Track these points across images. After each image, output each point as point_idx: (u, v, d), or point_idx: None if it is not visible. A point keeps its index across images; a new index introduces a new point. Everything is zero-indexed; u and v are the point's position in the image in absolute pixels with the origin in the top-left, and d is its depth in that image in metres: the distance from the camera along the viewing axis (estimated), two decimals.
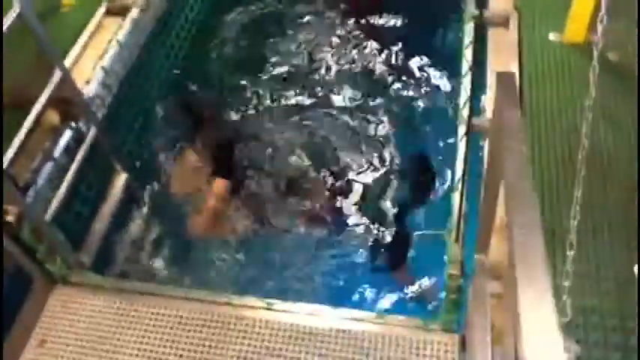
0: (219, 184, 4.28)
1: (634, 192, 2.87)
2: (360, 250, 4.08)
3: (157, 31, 4.80)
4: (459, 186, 2.77)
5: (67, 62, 3.79)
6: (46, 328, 3.26)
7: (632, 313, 2.47)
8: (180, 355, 3.10)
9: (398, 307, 3.76)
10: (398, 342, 3.07)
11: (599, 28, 2.32)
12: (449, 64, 4.94)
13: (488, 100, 3.30)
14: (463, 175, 2.34)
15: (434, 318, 3.14)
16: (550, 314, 0.99)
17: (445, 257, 3.30)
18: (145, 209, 4.29)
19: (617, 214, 2.80)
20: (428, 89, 5.04)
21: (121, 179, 3.88)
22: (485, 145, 3.08)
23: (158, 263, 4.08)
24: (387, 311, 3.61)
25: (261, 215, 4.29)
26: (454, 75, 4.47)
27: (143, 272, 4.01)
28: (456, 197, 2.87)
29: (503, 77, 1.68)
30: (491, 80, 3.33)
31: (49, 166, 3.43)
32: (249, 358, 3.05)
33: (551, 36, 3.72)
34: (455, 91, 3.92)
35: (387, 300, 3.86)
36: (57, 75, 3.10)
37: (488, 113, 3.23)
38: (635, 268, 2.59)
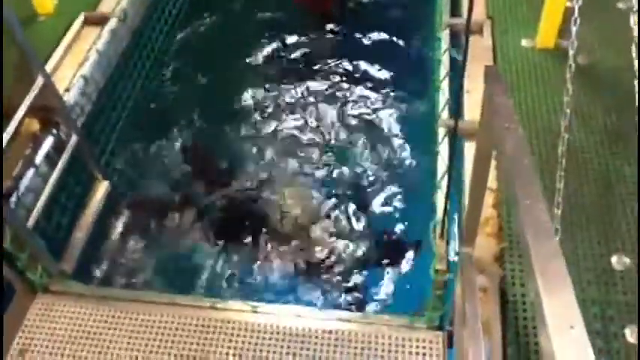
0: None
1: (607, 188, 3.00)
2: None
3: (133, 41, 4.81)
4: (443, 184, 2.85)
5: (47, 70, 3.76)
6: (26, 338, 3.21)
7: (610, 301, 2.58)
8: None
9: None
10: (384, 341, 3.10)
11: (573, 30, 2.43)
12: (425, 73, 5.06)
13: (467, 104, 3.40)
14: (449, 174, 2.41)
15: (419, 316, 3.19)
16: (564, 271, 1.05)
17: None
18: (126, 216, 4.26)
19: (592, 209, 2.91)
20: (404, 96, 5.13)
21: (102, 187, 3.85)
22: (466, 146, 3.16)
23: (141, 270, 4.05)
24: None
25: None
26: (430, 81, 4.57)
27: (126, 279, 3.97)
28: (439, 195, 2.95)
29: (489, 70, 1.77)
30: (468, 85, 3.43)
31: (30, 173, 3.40)
32: None
33: (524, 42, 3.86)
34: (433, 97, 4.00)
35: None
36: (39, 82, 3.08)
37: (467, 116, 3.32)
38: (613, 259, 2.70)
